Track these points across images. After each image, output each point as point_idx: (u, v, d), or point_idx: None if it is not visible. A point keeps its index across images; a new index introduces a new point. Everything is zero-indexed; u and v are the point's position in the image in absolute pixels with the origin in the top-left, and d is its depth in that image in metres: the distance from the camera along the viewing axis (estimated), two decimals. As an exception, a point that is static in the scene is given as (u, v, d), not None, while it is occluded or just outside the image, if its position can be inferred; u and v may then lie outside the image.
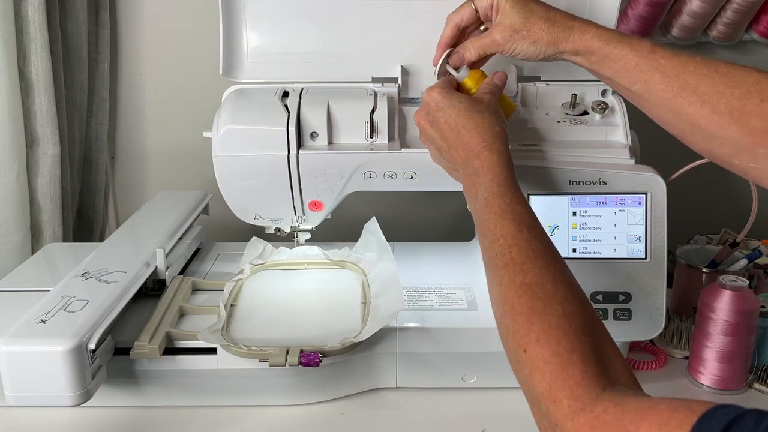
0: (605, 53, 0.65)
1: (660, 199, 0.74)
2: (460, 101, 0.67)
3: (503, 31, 0.69)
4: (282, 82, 0.84)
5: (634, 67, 0.64)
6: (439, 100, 0.69)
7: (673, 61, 0.61)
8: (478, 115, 0.66)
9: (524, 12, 0.68)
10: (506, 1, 0.69)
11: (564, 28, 0.67)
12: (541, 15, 0.68)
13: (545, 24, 0.67)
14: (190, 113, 1.21)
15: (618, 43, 0.65)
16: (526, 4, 0.69)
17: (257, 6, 0.85)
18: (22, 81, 1.00)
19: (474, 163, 0.63)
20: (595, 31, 0.66)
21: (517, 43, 0.69)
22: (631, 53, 0.64)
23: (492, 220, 0.58)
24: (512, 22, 0.68)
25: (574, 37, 0.67)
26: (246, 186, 0.79)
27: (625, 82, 0.65)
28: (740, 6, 1.08)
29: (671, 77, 0.61)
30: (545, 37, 0.68)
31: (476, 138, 0.64)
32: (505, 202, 0.58)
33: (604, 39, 0.65)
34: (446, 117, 0.67)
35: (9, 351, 0.63)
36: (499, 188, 0.60)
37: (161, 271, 0.84)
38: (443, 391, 0.81)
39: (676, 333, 0.90)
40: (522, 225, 0.56)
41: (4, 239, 1.01)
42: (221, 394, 0.77)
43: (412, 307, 0.82)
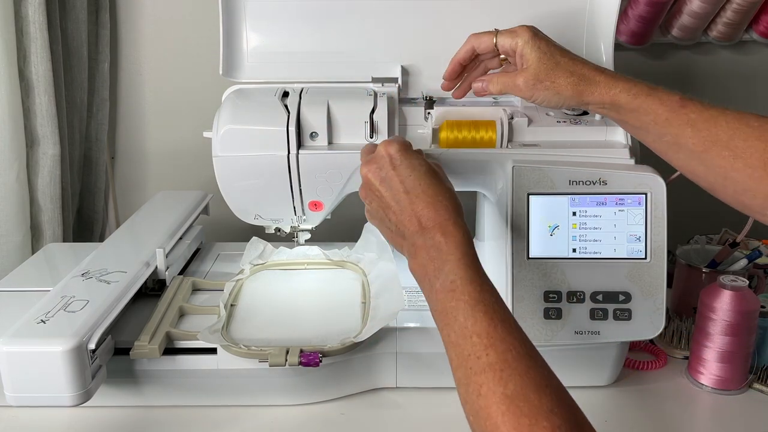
0: (633, 107, 0.64)
1: (660, 199, 0.74)
2: (421, 164, 0.62)
3: (527, 79, 0.68)
4: (282, 82, 0.84)
5: (664, 121, 0.63)
6: (397, 157, 0.63)
7: (704, 115, 0.61)
8: (440, 184, 0.61)
9: (549, 63, 0.67)
10: (531, 50, 0.67)
11: (590, 82, 0.66)
12: (567, 67, 0.67)
13: (571, 77, 0.66)
14: (190, 113, 1.21)
15: (647, 97, 0.64)
16: (552, 55, 0.67)
17: (257, 6, 0.85)
18: (22, 81, 1.00)
19: (435, 236, 0.57)
20: (623, 86, 0.65)
21: (540, 92, 0.68)
22: (661, 107, 0.63)
23: (461, 310, 0.53)
24: (537, 72, 0.67)
25: (600, 91, 0.65)
26: (246, 186, 0.79)
27: (654, 135, 0.65)
28: (740, 6, 1.08)
29: (702, 131, 0.61)
30: (570, 90, 0.66)
31: (439, 208, 0.59)
32: (476, 290, 0.53)
33: (633, 93, 0.64)
34: (402, 177, 0.61)
35: (9, 351, 0.63)
36: (468, 272, 0.55)
37: (161, 271, 0.84)
38: (443, 391, 0.81)
39: (676, 333, 0.90)
40: (495, 319, 0.52)
41: (4, 239, 1.01)
42: (221, 394, 0.77)
43: (412, 307, 0.82)
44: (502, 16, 0.85)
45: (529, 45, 0.68)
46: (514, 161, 0.74)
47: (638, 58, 1.20)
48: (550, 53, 0.67)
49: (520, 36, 0.69)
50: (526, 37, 0.68)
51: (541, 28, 0.85)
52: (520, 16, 0.85)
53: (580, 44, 0.86)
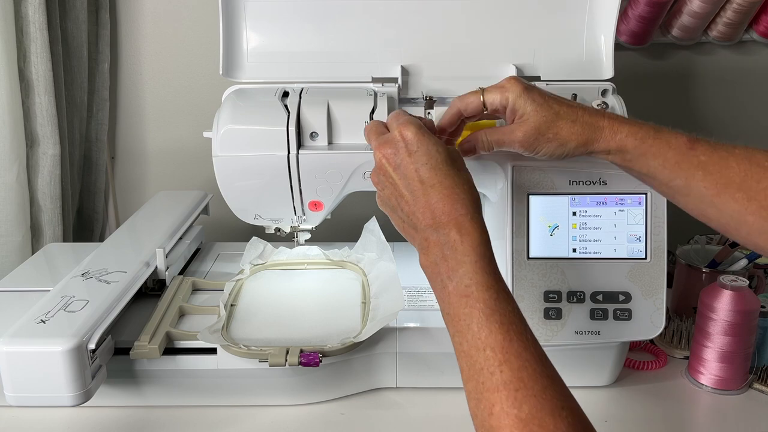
0: (641, 152, 0.62)
1: (660, 199, 0.74)
2: (438, 151, 0.58)
3: (527, 132, 0.64)
4: (282, 82, 0.84)
5: (673, 165, 0.61)
6: (413, 142, 0.58)
7: (713, 157, 0.59)
8: (458, 174, 0.57)
9: (549, 114, 0.63)
10: (526, 102, 0.63)
11: (594, 129, 0.63)
12: (568, 117, 0.63)
13: (574, 126, 0.63)
14: (190, 113, 1.21)
15: (654, 140, 0.61)
16: (549, 105, 0.63)
17: (257, 6, 0.85)
18: (22, 81, 1.00)
19: (450, 233, 0.54)
20: (628, 130, 0.62)
21: (543, 145, 0.64)
22: (670, 151, 0.61)
23: (475, 318, 0.50)
24: (537, 125, 0.63)
25: (605, 137, 0.62)
26: (246, 186, 0.79)
27: (664, 178, 0.62)
28: (740, 6, 1.08)
29: (714, 174, 0.59)
30: (574, 140, 0.63)
31: (455, 201, 0.55)
32: (492, 298, 0.51)
33: (639, 137, 0.62)
34: (418, 165, 0.57)
35: (9, 351, 0.63)
36: (485, 277, 0.52)
37: (161, 271, 0.84)
38: (443, 391, 0.81)
39: (676, 333, 0.90)
40: (511, 332, 0.49)
41: (4, 239, 1.01)
42: (221, 394, 0.77)
43: (412, 307, 0.82)
44: (501, 16, 0.85)
45: (522, 98, 0.64)
46: (514, 161, 0.74)
47: (638, 58, 1.20)
48: (547, 104, 0.63)
49: (510, 90, 0.64)
50: (518, 91, 0.64)
51: (540, 28, 0.86)
52: (520, 16, 0.85)
53: (580, 44, 0.86)
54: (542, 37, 0.86)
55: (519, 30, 0.85)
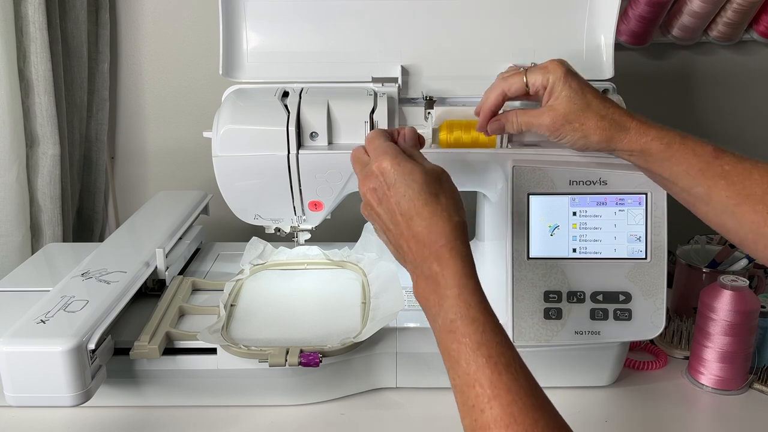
0: (666, 156, 0.62)
1: (660, 199, 0.74)
2: (415, 180, 0.56)
3: (555, 118, 0.65)
4: (282, 82, 0.84)
5: (697, 172, 0.61)
6: (390, 174, 0.57)
7: (737, 168, 0.60)
8: (436, 201, 0.56)
9: (581, 104, 0.64)
10: (563, 87, 0.64)
11: (621, 128, 0.63)
12: (598, 110, 0.64)
13: (601, 121, 0.64)
14: (190, 113, 1.21)
15: (680, 146, 0.62)
16: (584, 94, 0.64)
17: (257, 6, 0.85)
18: (22, 81, 1.00)
19: (432, 265, 0.54)
20: (655, 134, 0.63)
21: (567, 133, 0.65)
22: (694, 158, 0.61)
23: (462, 354, 0.50)
24: (566, 112, 0.64)
25: (630, 138, 0.63)
26: (246, 186, 0.79)
27: (685, 185, 0.62)
28: (741, 6, 1.08)
29: (737, 184, 0.59)
30: (599, 134, 0.64)
31: (433, 232, 0.54)
32: (478, 331, 0.50)
33: (665, 142, 0.62)
34: (397, 198, 0.56)
35: (9, 351, 0.63)
36: (468, 310, 0.51)
37: (161, 271, 0.84)
38: (443, 391, 0.80)
39: (676, 333, 0.90)
40: (500, 364, 0.48)
41: (4, 239, 1.01)
42: (221, 394, 0.77)
43: (412, 307, 0.82)
44: (501, 16, 0.85)
45: (561, 82, 0.65)
46: (514, 161, 0.74)
47: (638, 58, 1.20)
48: (582, 93, 0.64)
49: (552, 72, 0.65)
50: (559, 74, 0.65)
51: (540, 28, 0.85)
52: (520, 16, 0.85)
53: (580, 44, 0.86)
54: (542, 37, 0.86)
55: (519, 30, 0.85)
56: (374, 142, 0.61)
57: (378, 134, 0.62)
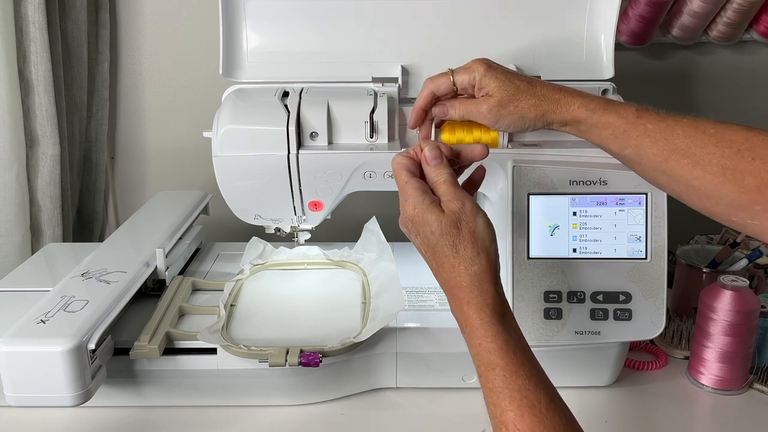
0: (592, 122, 0.65)
1: (660, 199, 0.74)
2: (432, 231, 0.58)
3: (491, 105, 0.68)
4: (282, 82, 0.84)
5: (622, 134, 0.63)
6: (414, 221, 0.59)
7: (660, 125, 0.61)
8: (452, 254, 0.58)
9: (510, 89, 0.68)
10: (490, 80, 0.68)
11: (550, 101, 0.67)
12: (527, 90, 0.68)
13: (532, 99, 0.67)
14: (190, 113, 1.21)
15: (604, 111, 0.64)
16: (511, 81, 0.68)
17: (257, 6, 0.85)
18: (22, 81, 1.00)
19: (457, 313, 0.57)
20: (580, 101, 0.66)
21: (504, 118, 0.69)
22: (618, 120, 0.63)
23: (489, 397, 0.52)
24: (500, 98, 0.68)
25: (560, 109, 0.66)
26: (246, 186, 0.79)
27: (615, 148, 0.65)
28: (741, 6, 1.08)
29: (660, 141, 0.61)
30: (533, 111, 0.67)
31: (454, 286, 0.57)
32: (499, 377, 0.52)
33: (590, 108, 0.65)
34: (424, 248, 0.60)
35: (9, 351, 0.63)
36: (489, 357, 0.53)
37: (161, 271, 0.83)
38: (443, 391, 0.81)
39: (676, 333, 0.90)
40: (522, 406, 0.50)
41: (4, 239, 1.01)
42: (221, 394, 0.77)
43: (412, 307, 0.82)
44: (501, 16, 0.85)
45: (486, 76, 0.68)
46: (514, 161, 0.74)
47: (638, 58, 1.20)
48: (508, 80, 0.68)
49: (476, 70, 0.69)
50: (482, 70, 0.69)
51: (540, 28, 0.86)
52: (520, 16, 0.85)
53: (580, 44, 0.86)
54: (542, 37, 0.86)
55: (519, 30, 0.85)
56: (398, 179, 0.62)
57: (399, 168, 0.63)
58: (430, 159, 0.62)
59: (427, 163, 0.62)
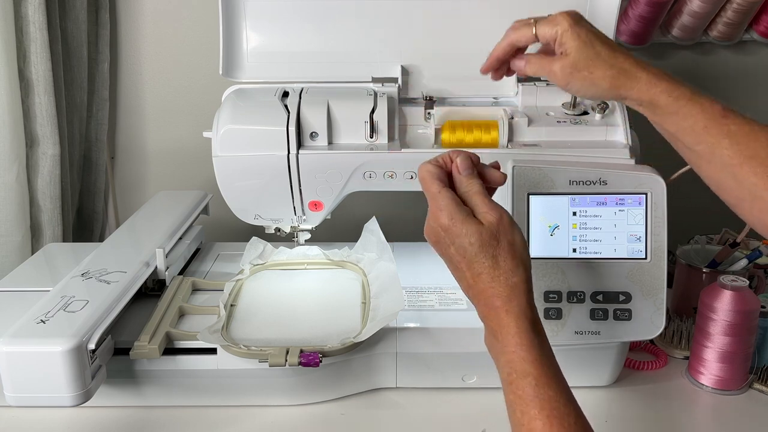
0: (673, 110, 0.63)
1: (660, 199, 0.74)
2: (472, 242, 0.57)
3: (564, 66, 0.66)
4: (282, 82, 0.84)
5: (702, 129, 0.61)
6: (450, 232, 0.58)
7: (744, 129, 0.60)
8: (492, 265, 0.57)
9: (589, 53, 0.65)
10: (570, 38, 0.65)
11: (630, 77, 0.64)
12: (607, 59, 0.65)
13: (610, 70, 0.64)
14: (190, 113, 1.21)
15: (688, 101, 0.62)
16: (593, 45, 0.65)
17: (257, 6, 0.85)
18: (22, 81, 1.00)
19: (491, 321, 0.57)
20: (665, 86, 0.63)
21: (576, 81, 0.66)
22: (701, 114, 0.61)
23: (517, 405, 0.53)
24: (575, 60, 0.65)
25: (640, 88, 0.64)
26: (246, 186, 0.79)
27: (689, 141, 0.63)
28: (740, 6, 1.08)
29: (740, 144, 0.60)
30: (607, 82, 0.65)
31: (492, 295, 0.56)
32: (531, 385, 0.52)
33: (674, 96, 0.62)
34: (458, 257, 0.58)
35: (9, 351, 0.63)
36: (522, 365, 0.53)
37: (161, 271, 0.83)
38: (443, 391, 0.81)
39: (676, 333, 0.90)
40: (552, 417, 0.50)
41: (4, 239, 1.01)
42: (221, 394, 0.77)
43: (412, 307, 0.82)
44: (501, 16, 0.85)
45: (568, 33, 0.65)
46: (514, 161, 0.74)
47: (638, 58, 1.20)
48: (590, 42, 0.65)
49: (559, 24, 0.66)
50: (566, 25, 0.66)
51: (541, 28, 0.85)
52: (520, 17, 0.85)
53: (580, 44, 0.86)
54: (542, 37, 0.85)
55: (519, 30, 0.85)
56: (429, 188, 0.60)
57: (430, 177, 0.61)
58: (462, 169, 0.61)
59: (459, 172, 0.61)
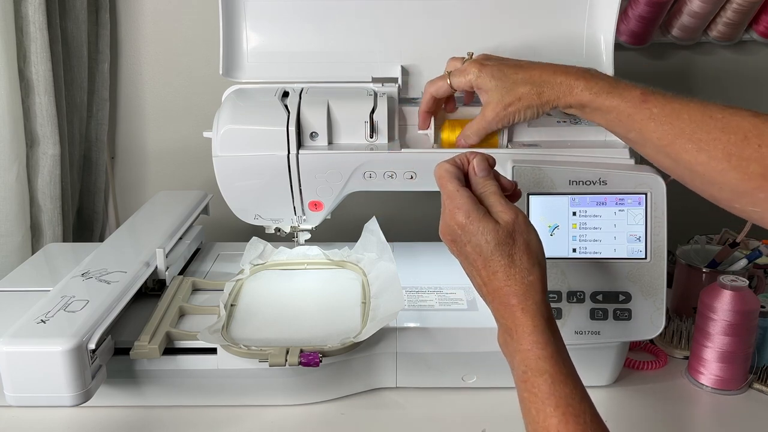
0: (596, 105, 0.65)
1: (660, 199, 0.74)
2: (488, 240, 0.57)
3: (495, 109, 0.69)
4: (282, 82, 0.84)
5: (626, 118, 0.64)
6: (466, 230, 0.58)
7: (666, 109, 0.61)
8: (508, 263, 0.57)
9: (507, 84, 0.68)
10: (485, 80, 0.69)
11: (551, 87, 0.67)
12: (524, 80, 0.68)
13: (531, 88, 0.67)
14: (190, 113, 1.21)
15: (608, 95, 0.64)
16: (505, 75, 0.68)
17: (257, 6, 0.85)
18: (22, 81, 1.00)
19: (506, 319, 0.57)
20: (584, 84, 0.66)
21: (512, 115, 0.70)
22: (623, 104, 0.64)
23: (532, 402, 0.53)
24: (500, 98, 0.69)
25: (563, 92, 0.67)
26: (246, 186, 0.79)
27: (620, 130, 0.66)
28: (740, 6, 1.08)
29: (665, 125, 0.61)
30: (536, 100, 0.68)
31: (508, 293, 0.57)
32: (546, 383, 0.52)
33: (594, 92, 0.65)
34: (474, 255, 0.58)
35: (9, 351, 0.63)
36: (538, 363, 0.54)
37: (161, 271, 0.83)
38: (443, 391, 0.81)
39: (676, 333, 0.90)
40: (567, 414, 0.51)
41: (4, 239, 1.01)
42: (221, 394, 0.77)
43: (412, 307, 0.82)
44: (501, 16, 0.85)
45: (481, 77, 0.70)
46: (514, 161, 0.74)
47: (638, 58, 1.20)
48: (503, 75, 0.68)
49: (470, 72, 0.71)
50: (475, 71, 0.70)
51: (540, 28, 0.86)
52: (519, 16, 0.85)
53: (579, 44, 0.86)
54: (542, 37, 0.86)
55: (519, 30, 0.85)
56: (447, 186, 0.60)
57: (448, 176, 0.61)
58: (479, 170, 0.62)
59: (476, 174, 0.62)
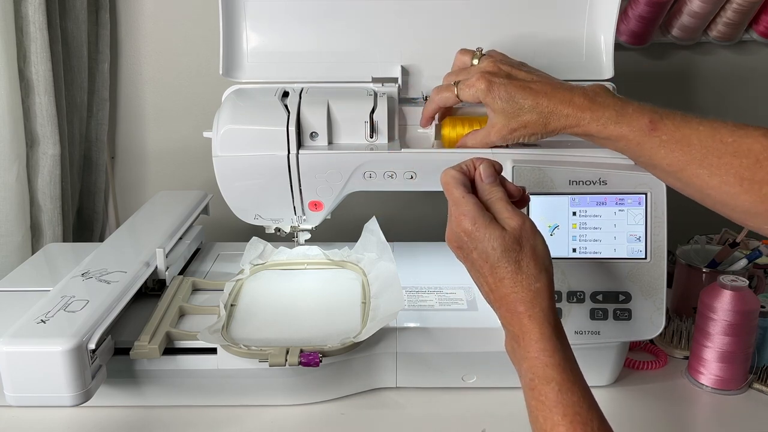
0: (605, 136, 0.66)
1: (660, 199, 0.74)
2: (494, 247, 0.57)
3: (500, 131, 0.70)
4: (282, 82, 0.84)
5: (636, 146, 0.64)
6: (472, 237, 0.58)
7: (675, 136, 0.61)
8: (515, 269, 0.57)
9: (514, 109, 0.68)
10: (493, 101, 0.68)
11: (557, 119, 0.67)
12: (531, 109, 0.67)
13: (539, 117, 0.67)
14: (190, 113, 1.21)
15: (616, 124, 0.64)
16: (513, 98, 0.67)
17: (257, 6, 0.85)
18: (22, 81, 1.00)
19: (514, 326, 0.57)
20: (590, 116, 0.65)
21: (516, 138, 0.70)
22: (631, 133, 0.64)
23: (540, 410, 0.53)
24: (506, 122, 0.69)
25: (570, 123, 0.67)
26: (246, 186, 0.79)
27: (631, 156, 0.68)
28: (740, 6, 1.08)
29: (676, 152, 0.61)
30: (541, 128, 0.68)
31: (514, 300, 0.57)
32: (554, 391, 0.52)
33: (601, 123, 0.65)
34: (481, 262, 0.58)
35: (9, 351, 0.63)
36: (545, 371, 0.53)
37: (161, 271, 0.83)
38: (443, 391, 0.81)
39: (676, 333, 0.90)
40: (575, 422, 0.51)
41: (4, 239, 1.01)
42: (221, 394, 0.77)
43: (412, 307, 0.82)
44: (501, 16, 0.85)
45: (489, 96, 0.69)
46: (514, 161, 0.74)
47: (638, 58, 1.20)
48: (510, 98, 0.68)
49: (477, 87, 0.70)
50: (483, 88, 0.69)
51: (540, 28, 0.86)
52: (519, 16, 0.85)
53: (579, 44, 0.86)
54: (542, 37, 0.86)
55: (519, 30, 0.85)
56: (453, 193, 0.61)
57: (454, 182, 0.61)
58: (485, 177, 0.62)
59: (482, 180, 0.62)
